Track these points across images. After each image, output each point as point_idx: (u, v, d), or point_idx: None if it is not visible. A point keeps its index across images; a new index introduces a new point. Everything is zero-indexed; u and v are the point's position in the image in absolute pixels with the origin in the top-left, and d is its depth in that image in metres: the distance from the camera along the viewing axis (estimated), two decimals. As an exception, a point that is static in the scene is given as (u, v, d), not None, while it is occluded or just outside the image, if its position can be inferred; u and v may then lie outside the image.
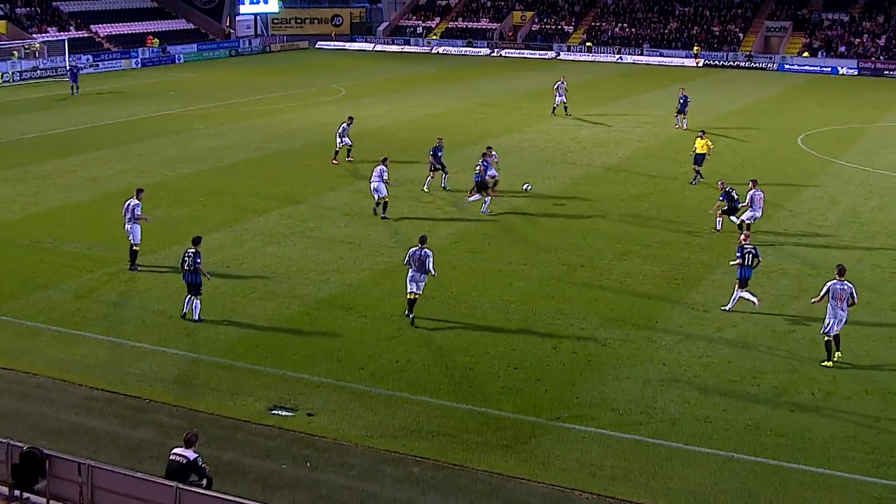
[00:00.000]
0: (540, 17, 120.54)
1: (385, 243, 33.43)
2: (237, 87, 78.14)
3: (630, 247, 33.34)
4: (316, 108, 65.65)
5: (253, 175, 44.25)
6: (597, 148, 51.07)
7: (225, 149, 50.32)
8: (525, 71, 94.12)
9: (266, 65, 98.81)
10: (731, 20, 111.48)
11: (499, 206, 38.47)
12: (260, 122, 59.18)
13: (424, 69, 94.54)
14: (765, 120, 62.26)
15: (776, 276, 30.54)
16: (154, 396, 21.96)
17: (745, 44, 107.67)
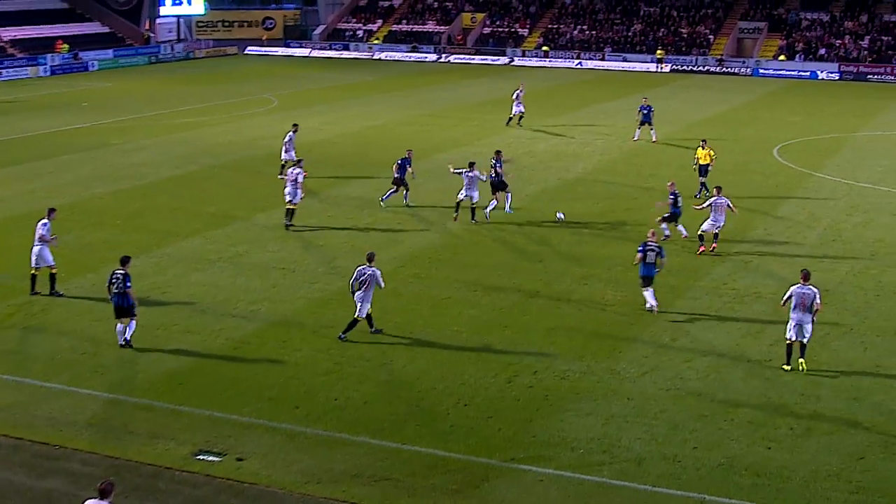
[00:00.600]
0: (492, 20, 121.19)
1: (322, 269, 33.43)
2: (158, 97, 77.86)
3: (591, 270, 33.58)
4: (245, 120, 65.58)
5: (176, 195, 44.10)
6: (554, 162, 51.41)
7: (144, 166, 50.11)
8: (476, 78, 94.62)
9: (190, 72, 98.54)
10: (701, 21, 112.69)
11: (447, 230, 38.61)
12: (183, 135, 59.01)
13: (365, 77, 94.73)
14: (737, 130, 62.98)
15: (750, 299, 30.88)
16: (65, 442, 21.78)
17: (716, 47, 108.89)
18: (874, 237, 38.27)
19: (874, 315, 29.85)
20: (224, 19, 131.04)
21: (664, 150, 55.59)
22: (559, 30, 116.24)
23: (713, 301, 30.77)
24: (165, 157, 52.56)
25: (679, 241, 36.56)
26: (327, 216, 40.05)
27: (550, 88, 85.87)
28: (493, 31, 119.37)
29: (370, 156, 53.17)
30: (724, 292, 31.55)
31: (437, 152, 53.62)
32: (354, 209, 41.41)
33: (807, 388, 24.53)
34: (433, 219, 40.14)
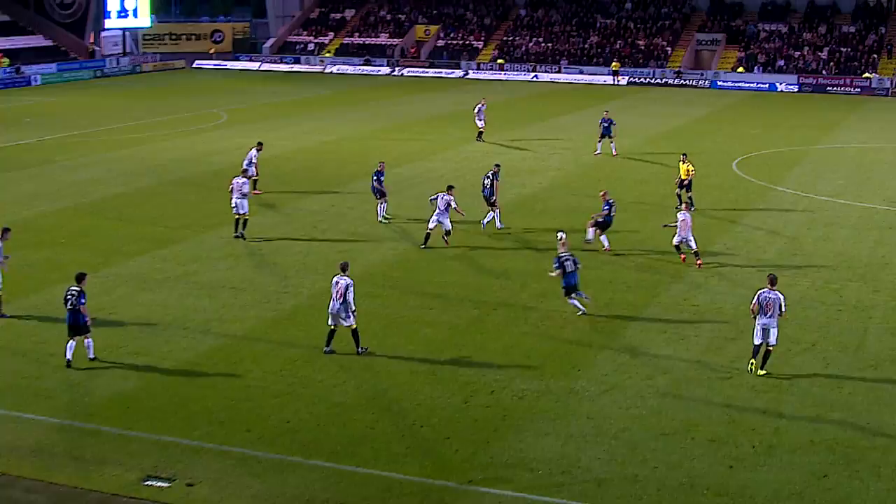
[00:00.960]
0: (446, 32, 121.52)
1: (274, 288, 33.32)
2: (104, 112, 77.43)
3: (549, 287, 33.61)
4: (194, 135, 65.33)
5: (122, 213, 43.85)
6: (510, 177, 51.49)
7: (89, 183, 49.81)
8: (430, 92, 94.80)
9: (137, 87, 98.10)
10: (658, 33, 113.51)
11: (401, 247, 38.62)
12: (130, 152, 58.70)
13: (317, 91, 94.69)
14: (696, 143, 63.37)
15: (711, 315, 31.05)
16: (7, 469, 21.55)
17: (674, 59, 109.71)
18: (834, 251, 38.61)
19: (836, 330, 30.08)
20: (171, 32, 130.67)
21: (622, 163, 55.89)
22: (514, 42, 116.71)
23: (673, 317, 30.91)
24: (111, 173, 52.26)
25: (602, 253, 36.80)
26: (281, 233, 39.93)
27: (506, 102, 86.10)
28: (448, 43, 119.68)
29: (324, 171, 53.11)
30: (684, 308, 31.71)
31: (392, 168, 53.57)
32: (308, 226, 41.32)
33: (769, 406, 24.67)
34: (387, 235, 40.14)
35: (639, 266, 36.15)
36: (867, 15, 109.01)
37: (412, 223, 41.75)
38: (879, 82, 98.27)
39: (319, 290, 32.55)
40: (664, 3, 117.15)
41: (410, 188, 48.81)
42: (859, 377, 26.54)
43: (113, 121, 72.10)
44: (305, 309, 31.24)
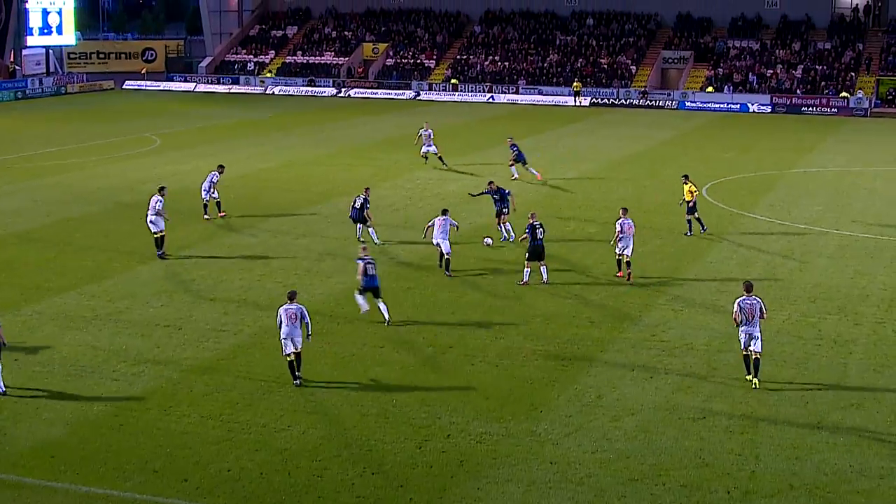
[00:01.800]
0: (395, 50, 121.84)
1: (212, 325, 33.19)
2: (25, 137, 77.00)
3: (507, 322, 33.69)
4: (124, 161, 65.07)
5: (46, 245, 43.56)
6: (465, 205, 51.60)
7: (9, 214, 49.48)
8: (379, 114, 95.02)
9: (61, 109, 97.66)
10: (622, 51, 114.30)
11: (349, 280, 38.59)
12: (54, 180, 58.38)
13: (257, 114, 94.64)
14: (663, 168, 63.81)
15: (681, 351, 31.19)
16: (-78, 525, 21.31)
17: (639, 78, 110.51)
18: (812, 281, 38.91)
19: (815, 366, 30.26)
20: (99, 50, 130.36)
21: (583, 190, 56.14)
22: (469, 61, 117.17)
23: (641, 354, 31.02)
24: (34, 203, 51.93)
25: (564, 285, 36.90)
26: (218, 268, 39.81)
27: (460, 125, 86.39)
28: (397, 62, 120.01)
29: (265, 200, 53.03)
30: (652, 344, 31.83)
31: (339, 196, 53.62)
32: (247, 260, 41.21)
33: (744, 449, 24.76)
34: (334, 268, 40.09)
35: (604, 298, 36.27)
36: (843, 30, 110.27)
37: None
38: (857, 102, 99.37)
39: (262, 328, 32.48)
40: (628, 19, 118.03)
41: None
42: (840, 416, 26.70)
43: (36, 146, 71.69)
44: (247, 348, 31.12)
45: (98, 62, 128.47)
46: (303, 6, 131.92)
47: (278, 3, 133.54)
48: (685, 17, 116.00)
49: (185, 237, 44.42)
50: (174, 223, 46.20)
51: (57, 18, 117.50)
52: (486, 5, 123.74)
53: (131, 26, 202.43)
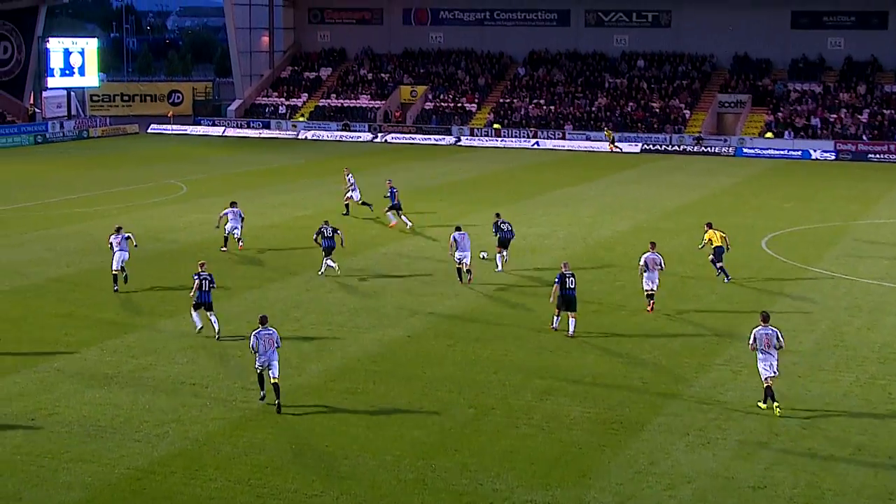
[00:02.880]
0: (435, 93, 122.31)
1: (239, 385, 33.15)
2: (44, 183, 77.54)
3: (554, 383, 33.52)
4: (148, 209, 65.39)
5: (66, 297, 43.74)
6: (511, 256, 51.55)
7: (28, 264, 49.73)
8: (417, 160, 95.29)
9: (83, 154, 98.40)
10: (675, 94, 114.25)
11: (386, 336, 38.54)
12: (75, 228, 58.70)
13: (289, 159, 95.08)
14: (719, 218, 63.40)
15: (740, 416, 30.89)
16: None
17: (693, 123, 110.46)
18: (881, 341, 38.54)
19: (885, 434, 29.89)
20: (123, 93, 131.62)
21: (634, 242, 55.87)
22: (512, 104, 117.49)
23: (697, 417, 30.76)
24: (53, 253, 52.19)
25: (615, 342, 36.68)
26: (246, 322, 39.80)
27: (503, 172, 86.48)
28: (437, 106, 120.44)
29: (297, 251, 53.09)
30: (709, 407, 31.57)
31: (374, 247, 53.71)
32: (279, 314, 41.18)
33: (809, 519, 24.49)
34: (369, 323, 40.04)
35: (657, 357, 36.04)
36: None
37: (400, 311, 41.70)
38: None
39: (292, 388, 32.41)
40: (681, 61, 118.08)
41: (396, 269, 48.82)
42: (912, 486, 26.38)
43: (56, 193, 72.17)
44: (276, 408, 31.06)
45: (122, 105, 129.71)
46: (337, 47, 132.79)
47: (311, 44, 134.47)
48: (742, 59, 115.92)
49: (214, 291, 44.49)
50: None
51: (79, 59, 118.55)
52: (531, 46, 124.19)
53: (157, 67, 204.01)
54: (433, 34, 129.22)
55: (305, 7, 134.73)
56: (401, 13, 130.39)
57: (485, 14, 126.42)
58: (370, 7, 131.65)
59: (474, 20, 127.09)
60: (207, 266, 39.40)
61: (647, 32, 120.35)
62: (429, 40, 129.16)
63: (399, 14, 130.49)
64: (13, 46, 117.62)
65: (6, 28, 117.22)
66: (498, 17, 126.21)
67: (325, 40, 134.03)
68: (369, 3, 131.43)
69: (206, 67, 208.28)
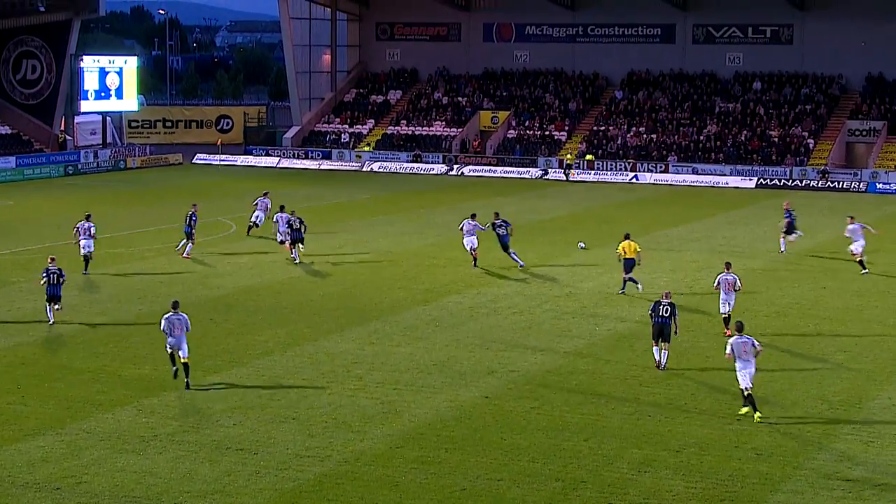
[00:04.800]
0: (519, 119, 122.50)
1: (294, 450, 33.23)
2: (75, 220, 78.15)
3: (653, 452, 33.36)
4: (194, 251, 65.81)
5: (98, 350, 44.07)
6: (603, 307, 51.42)
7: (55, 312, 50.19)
8: (499, 196, 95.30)
9: (119, 187, 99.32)
10: (797, 121, 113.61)
11: (461, 396, 38.50)
12: (111, 271, 59.22)
13: (353, 194, 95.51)
14: (848, 265, 62.98)
15: (873, 495, 30.51)
16: None
17: (818, 154, 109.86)
18: None
19: None
20: (166, 118, 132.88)
21: (746, 291, 55.54)
22: (608, 133, 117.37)
23: (822, 496, 30.45)
24: (83, 300, 52.65)
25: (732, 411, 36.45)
26: (301, 379, 39.95)
27: (597, 209, 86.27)
28: (521, 134, 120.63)
29: (361, 298, 53.24)
30: (836, 483, 31.25)
31: (448, 294, 53.78)
32: (340, 370, 41.31)
33: None
34: (442, 382, 40.00)
35: (773, 424, 35.77)
36: None
37: (477, 368, 41.67)
38: None
39: (354, 454, 32.45)
40: (804, 82, 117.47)
41: (472, 320, 48.83)
42: None
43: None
44: (335, 478, 31.09)
45: (164, 132, 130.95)
46: (408, 66, 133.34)
47: (379, 63, 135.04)
48: (876, 80, 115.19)
49: (264, 342, 44.74)
50: (253, 327, 46.68)
51: (116, 80, 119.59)
52: (629, 65, 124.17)
53: (204, 90, 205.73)
54: (518, 52, 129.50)
55: (373, 21, 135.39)
56: (481, 28, 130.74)
57: (577, 29, 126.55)
58: (446, 21, 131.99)
59: (565, 36, 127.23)
60: (57, 262, 47.60)
61: (765, 50, 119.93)
62: (513, 59, 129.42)
63: (479, 29, 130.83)
64: (42, 65, 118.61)
65: (34, 45, 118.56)
66: (592, 32, 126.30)
67: (394, 59, 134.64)
68: (445, 17, 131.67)
69: (259, 90, 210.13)
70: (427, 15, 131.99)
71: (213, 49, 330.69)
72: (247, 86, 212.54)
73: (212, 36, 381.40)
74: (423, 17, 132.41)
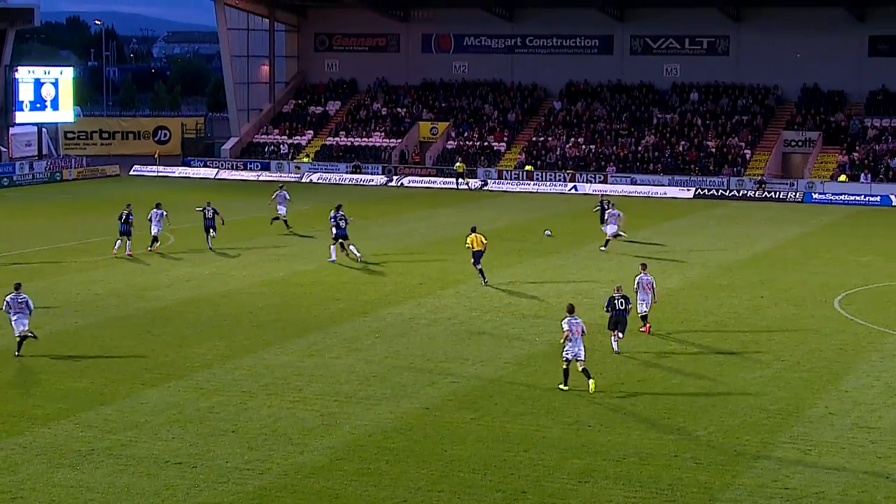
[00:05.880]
0: (458, 130, 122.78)
1: (234, 463, 33.12)
2: (10, 232, 77.84)
3: (594, 462, 33.42)
4: (130, 263, 65.54)
5: (34, 364, 43.78)
6: (542, 317, 51.50)
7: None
8: (437, 207, 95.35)
9: (55, 199, 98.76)
10: (734, 131, 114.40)
11: (401, 407, 38.49)
12: (44, 284, 58.82)
13: (292, 206, 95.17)
14: (785, 275, 63.44)
15: (810, 503, 30.70)
16: None
17: (755, 164, 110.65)
18: (973, 416, 38.36)
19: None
20: (102, 129, 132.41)
21: (685, 302, 55.80)
22: (547, 143, 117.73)
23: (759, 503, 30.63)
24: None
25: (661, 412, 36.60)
26: (240, 392, 39.82)
27: (535, 221, 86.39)
28: (461, 145, 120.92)
29: (298, 310, 53.15)
30: (774, 492, 31.37)
31: (389, 305, 53.73)
32: (279, 381, 41.21)
33: None
34: (382, 393, 39.97)
35: (712, 433, 35.88)
36: None
37: (417, 379, 41.64)
38: None
39: (294, 466, 32.37)
40: (741, 93, 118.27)
41: (412, 331, 48.81)
42: None
43: (24, 243, 72.36)
44: (275, 491, 31.00)
45: (101, 143, 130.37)
46: (347, 77, 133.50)
47: (318, 74, 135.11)
48: (811, 91, 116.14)
49: (203, 354, 44.57)
50: (192, 339, 46.49)
51: (52, 91, 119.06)
52: (568, 76, 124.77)
53: (141, 101, 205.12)
54: (457, 63, 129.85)
55: (311, 32, 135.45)
56: (420, 39, 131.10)
57: (515, 40, 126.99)
58: (385, 32, 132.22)
59: (503, 47, 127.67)
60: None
61: (702, 61, 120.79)
62: (452, 70, 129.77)
63: (418, 40, 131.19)
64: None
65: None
66: (531, 43, 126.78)
67: (333, 70, 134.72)
68: (384, 28, 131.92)
69: (197, 101, 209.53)
70: (365, 26, 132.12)
71: (150, 60, 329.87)
72: (184, 97, 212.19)
73: (149, 46, 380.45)
74: (361, 28, 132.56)
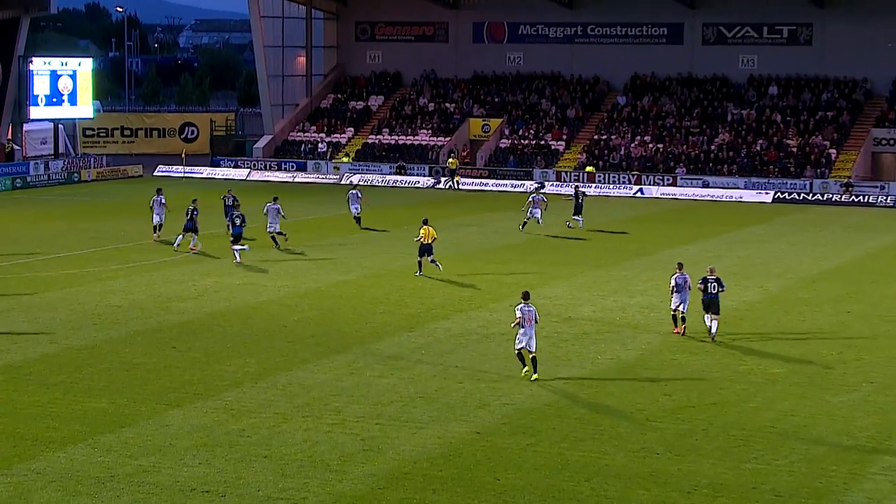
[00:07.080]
0: (513, 128, 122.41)
1: (266, 491, 33.11)
2: (23, 238, 78.18)
3: (663, 494, 33.28)
4: (153, 272, 65.71)
5: (48, 381, 43.90)
6: (606, 333, 51.36)
7: (1, 339, 49.98)
8: (489, 211, 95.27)
9: (73, 201, 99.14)
10: (817, 129, 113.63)
11: (450, 432, 38.40)
12: (61, 295, 59.05)
13: (329, 209, 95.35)
14: (874, 287, 63.04)
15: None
16: None
17: (841, 166, 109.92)
18: None
19: None
20: (124, 126, 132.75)
21: (765, 316, 55.53)
22: (610, 142, 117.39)
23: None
24: (35, 324, 52.48)
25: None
26: (274, 414, 39.81)
27: (598, 226, 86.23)
28: (515, 143, 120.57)
29: (337, 323, 53.13)
30: (862, 527, 31.21)
31: (436, 320, 53.66)
32: (317, 403, 41.20)
33: None
34: (429, 416, 39.87)
35: (794, 463, 35.68)
36: None
37: (467, 400, 41.56)
38: None
39: (332, 495, 32.34)
40: (825, 87, 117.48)
41: (461, 348, 48.71)
42: None
43: (38, 250, 72.69)
44: (310, 523, 30.99)
45: (123, 141, 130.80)
46: (391, 70, 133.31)
47: (359, 66, 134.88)
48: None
49: (233, 372, 44.57)
50: (221, 356, 46.54)
51: (70, 84, 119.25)
52: (633, 69, 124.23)
53: (166, 95, 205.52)
54: (511, 54, 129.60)
55: (352, 20, 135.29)
56: (471, 28, 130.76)
57: (576, 29, 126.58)
58: (432, 20, 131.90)
59: (562, 37, 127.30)
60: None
61: (782, 51, 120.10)
62: (505, 62, 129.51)
63: (468, 29, 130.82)
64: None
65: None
66: (592, 32, 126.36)
67: (375, 62, 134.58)
68: (431, 16, 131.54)
69: (227, 95, 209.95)
70: (411, 13, 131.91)
71: (176, 50, 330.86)
72: (213, 91, 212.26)
73: (175, 36, 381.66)
74: (406, 15, 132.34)
